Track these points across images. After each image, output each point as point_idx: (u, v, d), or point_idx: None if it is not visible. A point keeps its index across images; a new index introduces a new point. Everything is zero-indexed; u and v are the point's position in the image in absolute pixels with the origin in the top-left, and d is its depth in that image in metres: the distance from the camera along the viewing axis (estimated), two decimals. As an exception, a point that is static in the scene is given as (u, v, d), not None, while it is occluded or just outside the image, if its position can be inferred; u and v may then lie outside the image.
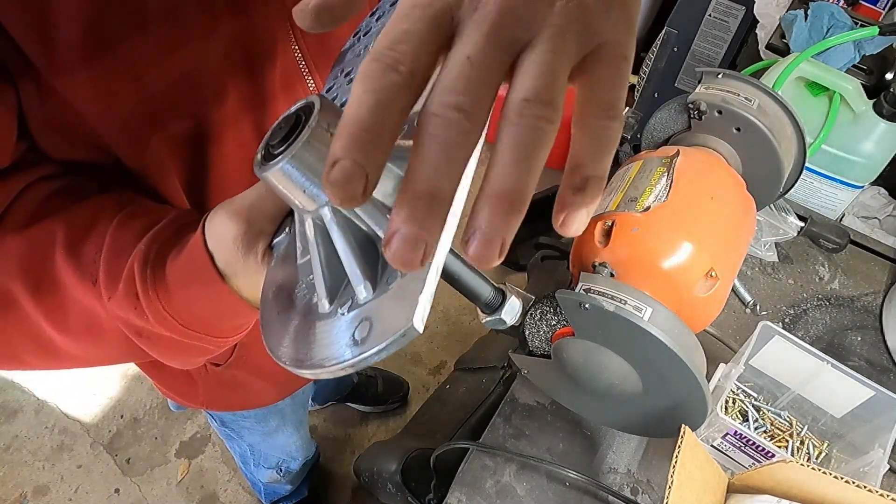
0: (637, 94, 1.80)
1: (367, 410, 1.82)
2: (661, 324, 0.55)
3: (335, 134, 0.26)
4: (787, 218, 0.92)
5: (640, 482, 0.75)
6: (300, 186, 0.33)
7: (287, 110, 0.35)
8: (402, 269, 0.26)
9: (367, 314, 0.33)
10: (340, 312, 0.34)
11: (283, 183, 0.34)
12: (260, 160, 0.34)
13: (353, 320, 0.33)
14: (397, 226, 0.25)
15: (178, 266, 0.44)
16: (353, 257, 0.34)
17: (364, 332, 0.32)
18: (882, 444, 0.69)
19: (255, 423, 1.05)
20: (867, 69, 0.99)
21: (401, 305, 0.31)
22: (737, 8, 1.50)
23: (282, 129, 0.34)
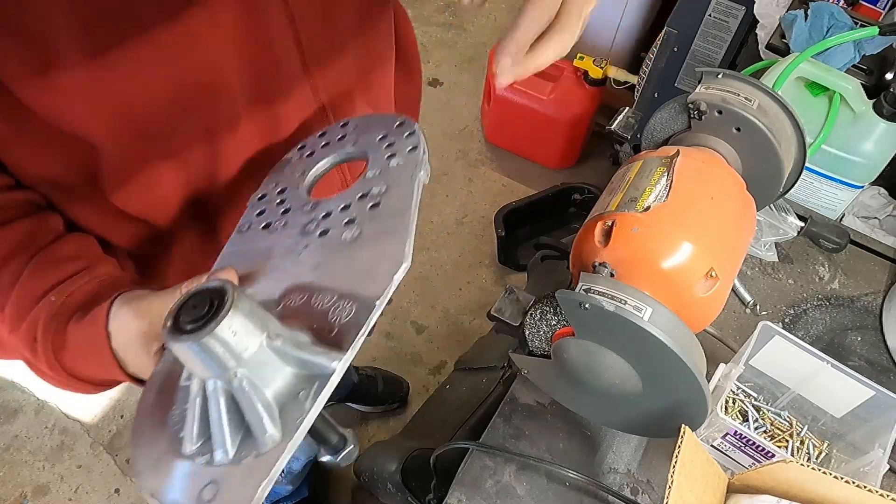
0: (637, 94, 1.81)
1: (367, 410, 1.82)
2: (661, 324, 0.55)
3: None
4: (787, 218, 0.92)
5: (640, 482, 0.75)
6: (200, 364, 0.38)
7: (203, 283, 0.39)
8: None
9: (218, 477, 0.38)
10: (199, 461, 0.39)
11: (186, 356, 0.38)
12: (170, 327, 0.38)
13: (204, 475, 0.39)
14: None
15: (79, 332, 0.49)
16: (223, 424, 0.39)
17: (210, 494, 0.38)
18: (882, 444, 0.69)
19: None
20: (867, 69, 0.99)
21: (245, 484, 0.37)
22: (737, 8, 1.50)
23: (195, 307, 0.38)
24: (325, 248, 0.49)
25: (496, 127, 2.29)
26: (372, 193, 0.51)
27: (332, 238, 0.49)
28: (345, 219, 0.50)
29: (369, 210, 0.50)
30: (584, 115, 2.10)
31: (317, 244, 0.49)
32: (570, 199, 2.06)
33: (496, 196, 2.22)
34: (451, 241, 2.14)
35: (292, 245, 0.50)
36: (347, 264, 0.47)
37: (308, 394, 0.40)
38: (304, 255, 0.49)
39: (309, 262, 0.48)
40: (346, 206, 0.51)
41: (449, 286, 2.05)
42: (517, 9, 0.54)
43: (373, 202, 0.50)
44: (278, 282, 0.47)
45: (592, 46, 2.15)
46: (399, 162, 0.52)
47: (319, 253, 0.48)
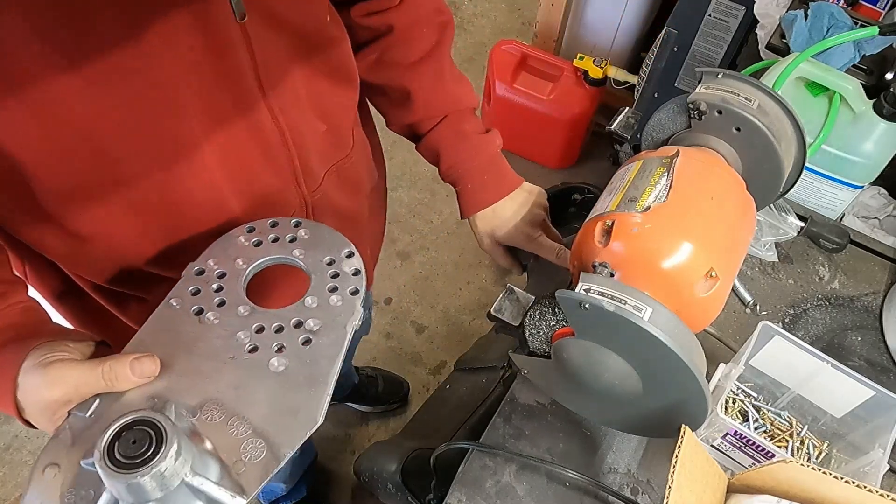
0: (637, 94, 1.81)
1: (367, 410, 1.82)
2: (661, 324, 0.55)
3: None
4: (787, 218, 0.92)
5: (640, 482, 0.75)
6: (125, 492, 0.41)
7: (141, 414, 0.42)
8: None
9: None
10: None
11: (114, 485, 0.41)
12: (104, 455, 0.41)
13: None
14: None
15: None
16: None
17: None
18: (882, 444, 0.69)
19: None
20: (867, 69, 0.99)
21: None
22: (737, 8, 1.50)
23: (134, 442, 0.41)
24: (251, 370, 0.50)
25: (496, 127, 2.28)
26: (307, 326, 0.53)
27: (258, 362, 0.51)
28: (276, 344, 0.51)
29: (301, 345, 0.52)
30: (583, 115, 2.10)
31: (243, 362, 0.50)
32: (570, 199, 2.06)
33: (496, 196, 2.22)
34: (451, 240, 2.14)
35: (219, 350, 0.51)
36: (268, 399, 0.49)
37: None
38: (229, 368, 0.50)
39: (231, 379, 0.49)
40: (280, 328, 0.52)
41: (449, 286, 2.05)
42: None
43: (305, 337, 0.52)
44: (197, 386, 0.49)
45: (592, 46, 2.15)
46: (338, 302, 0.54)
47: (244, 373, 0.50)
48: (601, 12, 2.07)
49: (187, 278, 0.55)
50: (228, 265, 0.56)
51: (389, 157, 1.06)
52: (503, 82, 2.11)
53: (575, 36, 2.18)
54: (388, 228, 2.16)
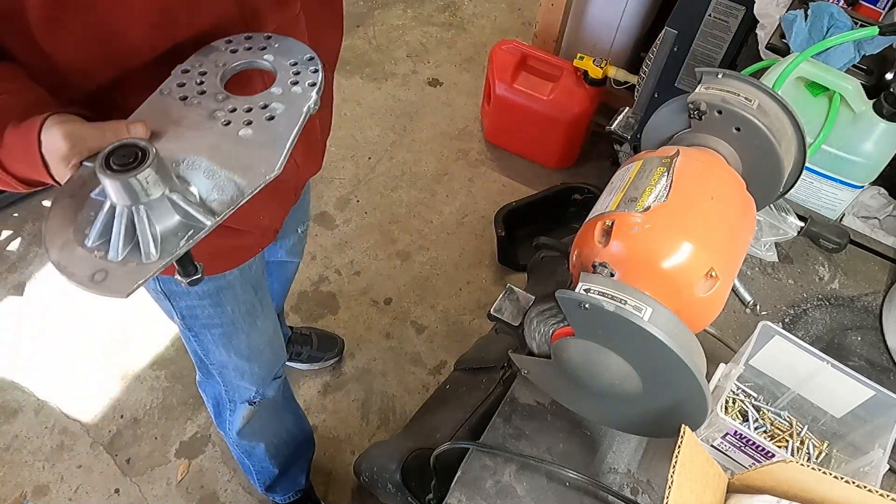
0: (637, 94, 1.80)
1: (305, 368, 1.87)
2: (661, 324, 0.55)
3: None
4: (787, 218, 0.92)
5: (640, 482, 0.75)
6: (118, 193, 0.54)
7: (130, 139, 0.56)
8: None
9: (108, 269, 0.55)
10: (96, 254, 0.55)
11: (111, 187, 0.53)
12: (102, 163, 0.53)
13: (98, 265, 0.55)
14: None
15: (15, 136, 0.59)
16: (120, 235, 0.55)
17: (101, 278, 0.54)
18: (882, 444, 0.69)
19: (211, 309, 1.07)
20: (867, 69, 0.99)
21: (127, 279, 0.55)
22: (737, 8, 1.50)
23: (124, 155, 0.54)
24: (224, 136, 0.62)
25: (496, 127, 2.29)
26: (271, 107, 0.64)
27: (231, 130, 0.62)
28: (244, 119, 0.63)
29: (265, 120, 0.63)
30: (583, 115, 2.10)
31: (217, 130, 0.62)
32: (570, 198, 2.07)
33: (496, 196, 2.22)
34: (451, 241, 2.14)
35: (199, 122, 0.63)
36: (236, 155, 0.61)
37: (184, 236, 0.56)
38: (206, 134, 0.62)
39: (208, 141, 0.61)
40: (249, 108, 0.64)
41: (449, 286, 2.05)
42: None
43: (270, 114, 0.63)
44: (182, 146, 0.61)
45: (592, 46, 2.15)
46: (299, 90, 0.65)
47: (219, 138, 0.62)
48: (601, 12, 2.07)
49: (175, 76, 0.66)
50: (209, 66, 0.67)
51: (389, 157, 1.06)
52: (503, 82, 2.11)
53: (575, 36, 2.18)
54: (388, 228, 2.17)
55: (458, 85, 2.52)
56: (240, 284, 1.04)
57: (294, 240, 1.36)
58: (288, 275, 1.52)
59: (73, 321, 1.93)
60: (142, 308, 1.95)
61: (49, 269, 2.01)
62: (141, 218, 0.55)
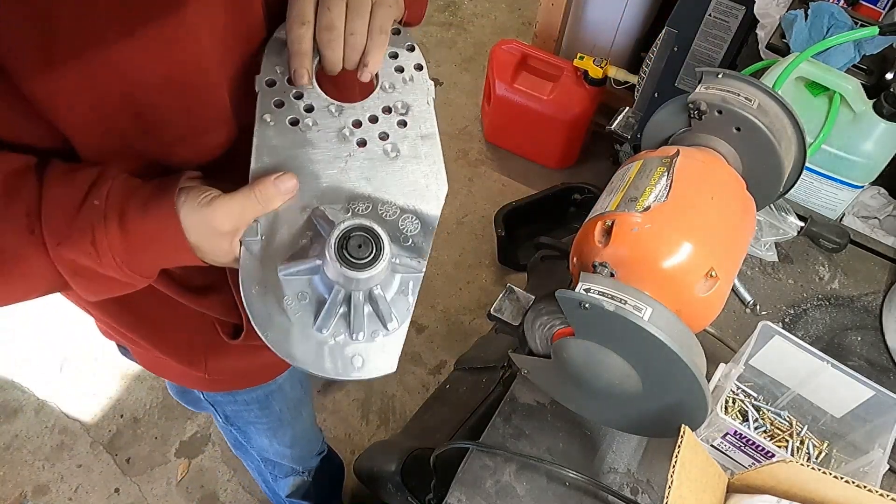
0: (637, 94, 1.80)
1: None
2: (661, 324, 0.55)
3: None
4: (787, 218, 0.92)
5: (640, 482, 0.75)
6: (357, 283, 0.51)
7: (359, 222, 0.51)
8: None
9: (361, 352, 0.53)
10: (336, 339, 0.52)
11: (353, 279, 0.50)
12: (335, 256, 0.49)
13: (349, 350, 0.52)
14: None
15: (148, 224, 0.52)
16: (364, 318, 0.53)
17: (360, 363, 0.52)
18: (882, 444, 0.69)
19: (259, 411, 1.04)
20: (867, 69, 0.99)
21: (386, 353, 0.53)
22: (737, 8, 1.50)
23: (360, 246, 0.50)
24: (370, 161, 0.56)
25: (496, 127, 2.29)
26: (395, 108, 0.57)
27: (373, 152, 0.56)
28: (377, 132, 0.56)
29: (398, 127, 0.57)
30: (584, 114, 2.10)
31: (361, 156, 0.56)
32: (570, 198, 2.07)
33: (496, 196, 2.22)
34: (451, 240, 2.14)
35: (335, 153, 0.55)
36: (397, 181, 0.55)
37: (409, 290, 0.55)
38: (351, 165, 0.55)
39: (358, 174, 0.55)
40: (374, 117, 0.56)
41: (449, 286, 2.05)
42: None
43: (398, 118, 0.57)
44: (335, 188, 0.55)
45: (592, 46, 2.15)
46: (409, 77, 0.58)
47: (366, 166, 0.55)
48: (601, 12, 2.07)
49: (263, 92, 0.56)
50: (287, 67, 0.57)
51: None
52: (503, 82, 2.11)
53: (575, 36, 2.18)
54: (388, 228, 2.17)
55: (458, 85, 2.52)
56: (289, 383, 1.03)
57: None
58: None
59: (73, 321, 1.93)
60: (142, 308, 1.95)
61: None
62: (380, 294, 0.52)
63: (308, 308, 0.52)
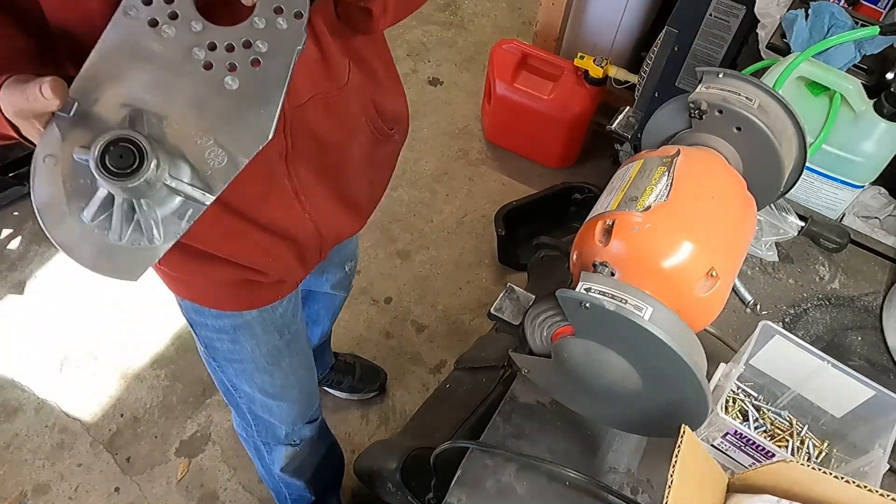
0: (637, 94, 1.80)
1: (344, 398, 1.84)
2: (662, 323, 0.55)
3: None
4: (787, 217, 0.92)
5: (640, 481, 0.75)
6: (118, 191, 0.52)
7: (122, 132, 0.51)
8: None
9: (111, 250, 0.55)
10: (96, 231, 0.54)
11: (110, 188, 0.52)
12: (98, 167, 0.50)
13: (101, 245, 0.54)
14: None
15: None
16: (121, 222, 0.54)
17: (106, 260, 0.55)
18: (882, 444, 0.69)
19: (230, 345, 1.04)
20: (868, 69, 0.99)
21: (133, 261, 0.56)
22: (737, 7, 1.50)
23: (121, 157, 0.51)
24: (207, 85, 0.56)
25: (496, 126, 2.29)
26: (256, 47, 0.56)
27: (214, 78, 0.56)
28: (228, 61, 0.56)
29: (250, 65, 0.56)
30: (584, 114, 2.10)
31: (200, 77, 0.56)
32: (570, 198, 2.06)
33: (496, 195, 2.22)
34: (451, 240, 2.14)
35: (177, 63, 0.56)
36: (224, 114, 0.56)
37: (184, 217, 0.55)
38: (188, 82, 0.56)
39: (191, 92, 0.56)
40: (231, 47, 0.56)
41: (449, 285, 2.05)
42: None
43: (254, 56, 0.56)
44: (162, 99, 0.55)
45: (593, 46, 2.15)
46: (283, 24, 0.57)
47: (202, 88, 0.56)
48: (602, 12, 2.07)
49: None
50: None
51: (389, 156, 1.05)
52: (504, 81, 2.11)
53: (575, 35, 2.18)
54: (388, 227, 2.17)
55: (458, 84, 2.52)
56: (260, 326, 1.03)
57: (340, 276, 1.35)
58: (335, 306, 1.50)
59: (73, 320, 1.93)
60: (142, 307, 1.95)
61: (49, 268, 2.01)
62: (141, 208, 0.54)
63: (85, 195, 0.54)
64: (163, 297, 1.96)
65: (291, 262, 0.91)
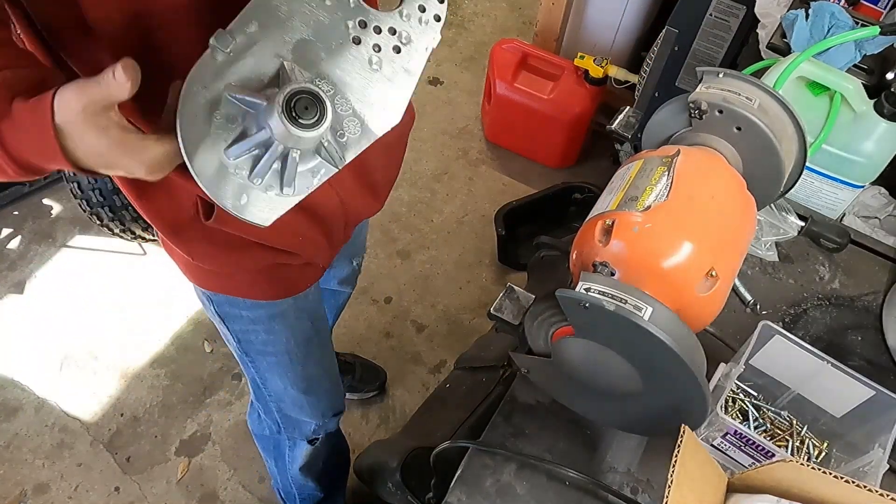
0: (637, 94, 1.80)
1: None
2: (662, 323, 0.55)
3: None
4: (787, 217, 0.92)
5: (640, 481, 0.75)
6: (290, 139, 0.53)
7: (304, 85, 0.53)
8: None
9: (248, 192, 0.56)
10: (236, 171, 0.55)
11: (292, 136, 0.52)
12: (283, 105, 0.52)
13: (240, 185, 0.55)
14: None
15: (25, 109, 0.51)
16: (269, 168, 0.56)
17: (243, 202, 0.56)
18: (882, 443, 0.69)
19: (265, 335, 1.03)
20: (868, 69, 0.99)
21: (270, 208, 0.57)
22: (738, 7, 1.50)
23: (307, 108, 0.53)
24: (353, 61, 0.58)
25: (497, 126, 2.29)
26: (400, 33, 0.60)
27: (361, 54, 0.59)
28: (374, 42, 0.59)
29: (392, 51, 0.60)
30: (584, 114, 2.10)
31: (349, 49, 0.58)
32: (570, 198, 2.07)
33: (496, 195, 2.22)
34: (451, 239, 2.14)
35: (331, 30, 0.58)
36: (363, 89, 0.59)
37: (318, 174, 0.58)
38: (337, 53, 0.58)
39: (340, 61, 0.58)
40: (378, 29, 0.59)
41: (449, 285, 2.05)
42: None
43: (397, 44, 0.60)
44: (314, 60, 0.57)
45: (593, 45, 2.15)
46: (426, 19, 0.61)
47: (349, 61, 0.58)
48: (602, 11, 2.07)
49: None
50: None
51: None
52: (504, 81, 2.11)
53: (575, 35, 2.18)
54: (389, 227, 2.17)
55: (458, 84, 2.52)
56: (294, 313, 1.02)
57: (348, 271, 1.35)
58: (339, 303, 1.50)
59: (73, 320, 1.93)
60: (142, 307, 1.95)
61: (49, 267, 2.01)
62: (293, 158, 0.55)
63: (230, 131, 0.54)
64: (162, 298, 1.97)
65: (320, 242, 0.92)
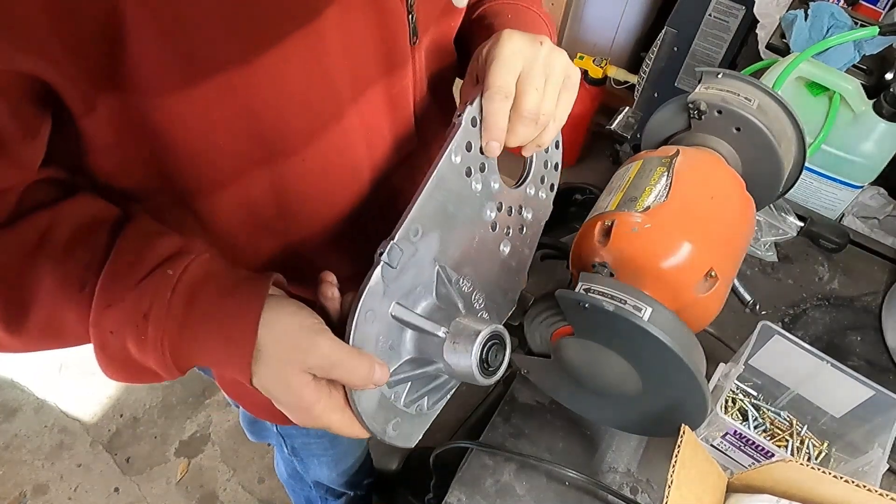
0: (637, 94, 1.80)
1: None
2: (661, 323, 0.55)
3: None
4: (786, 218, 0.92)
5: (639, 481, 0.75)
6: (465, 377, 0.51)
7: (494, 329, 0.50)
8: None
9: (399, 417, 0.53)
10: (389, 397, 0.51)
11: (470, 377, 0.50)
12: (477, 356, 0.49)
13: (391, 412, 0.52)
14: None
15: (219, 308, 0.45)
16: (426, 394, 0.55)
17: (394, 429, 0.52)
18: (881, 443, 0.69)
19: (329, 444, 1.01)
20: (867, 69, 0.99)
21: (413, 429, 0.55)
22: (737, 7, 1.50)
23: (497, 354, 0.50)
24: (490, 250, 0.56)
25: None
26: (524, 215, 0.58)
27: (495, 240, 0.56)
28: (506, 225, 0.57)
29: (518, 231, 0.58)
30: (584, 114, 2.10)
31: (487, 239, 0.56)
32: (570, 198, 2.06)
33: (496, 195, 2.22)
34: (450, 240, 2.14)
35: (474, 221, 0.55)
36: (493, 278, 0.57)
37: (450, 391, 0.56)
38: (476, 243, 0.55)
39: (476, 254, 0.55)
40: (510, 210, 0.57)
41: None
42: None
43: (523, 224, 0.58)
44: (460, 255, 0.54)
45: (592, 46, 2.15)
46: (543, 195, 0.58)
47: (484, 251, 0.56)
48: (601, 12, 2.07)
49: (465, 129, 0.51)
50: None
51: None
52: (503, 82, 2.11)
53: (575, 35, 2.18)
54: (388, 228, 2.16)
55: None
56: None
57: None
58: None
59: (72, 320, 1.92)
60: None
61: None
62: (439, 381, 0.53)
63: (386, 355, 0.50)
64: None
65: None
